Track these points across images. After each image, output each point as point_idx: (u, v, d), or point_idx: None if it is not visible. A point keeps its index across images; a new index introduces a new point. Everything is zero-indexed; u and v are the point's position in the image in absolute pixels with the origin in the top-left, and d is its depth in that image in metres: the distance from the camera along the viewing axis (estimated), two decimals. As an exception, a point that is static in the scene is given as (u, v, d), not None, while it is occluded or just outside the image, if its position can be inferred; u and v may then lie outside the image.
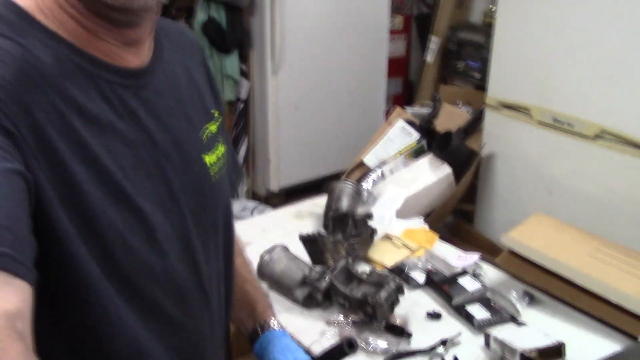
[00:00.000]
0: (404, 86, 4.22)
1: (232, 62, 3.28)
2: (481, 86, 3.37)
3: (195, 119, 0.81)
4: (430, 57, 3.80)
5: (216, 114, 0.87)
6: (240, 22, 3.21)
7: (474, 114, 2.72)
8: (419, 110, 2.90)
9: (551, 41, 2.29)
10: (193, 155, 0.79)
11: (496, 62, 2.53)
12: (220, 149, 0.85)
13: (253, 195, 3.62)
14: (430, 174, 2.37)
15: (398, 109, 2.82)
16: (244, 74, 3.40)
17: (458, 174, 2.42)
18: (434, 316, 1.43)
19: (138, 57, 0.73)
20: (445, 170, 2.38)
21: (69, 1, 0.66)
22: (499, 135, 2.55)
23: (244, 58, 3.37)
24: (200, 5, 3.14)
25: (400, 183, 2.28)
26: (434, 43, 3.75)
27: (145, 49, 0.75)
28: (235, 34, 3.20)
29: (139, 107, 0.72)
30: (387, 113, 3.67)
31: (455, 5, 3.72)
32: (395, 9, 3.89)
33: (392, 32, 3.86)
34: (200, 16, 3.14)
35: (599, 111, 2.16)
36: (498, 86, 2.54)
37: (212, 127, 0.85)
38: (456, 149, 2.45)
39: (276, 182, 3.53)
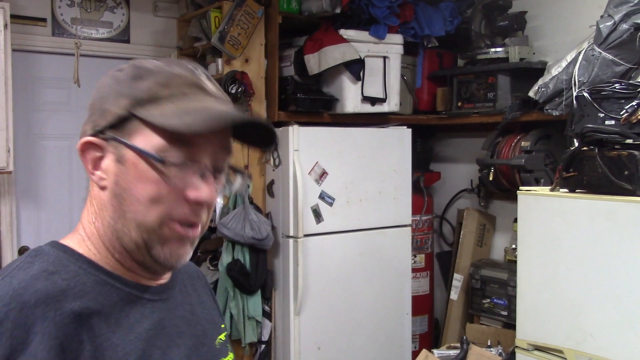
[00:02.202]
0: (429, 324, 4.11)
1: (255, 303, 3.28)
2: (509, 324, 3.27)
3: (209, 329, 0.95)
4: (454, 294, 3.77)
5: (222, 326, 1.01)
6: (264, 263, 3.28)
7: (505, 357, 2.59)
8: (447, 352, 2.78)
9: (578, 281, 2.27)
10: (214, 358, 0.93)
11: (522, 302, 2.49)
12: (231, 355, 0.97)
13: None
14: None
15: (424, 351, 2.71)
16: (267, 315, 3.37)
17: None
18: None
19: (157, 282, 0.88)
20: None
21: (114, 245, 0.82)
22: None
23: (267, 299, 3.38)
24: (225, 246, 3.24)
25: None
26: (458, 280, 3.75)
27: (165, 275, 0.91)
28: (259, 275, 3.25)
29: (164, 317, 0.86)
30: (414, 353, 3.53)
31: (475, 243, 3.80)
32: (416, 248, 3.97)
33: (415, 269, 3.89)
34: (225, 258, 3.23)
35: (637, 354, 2.05)
36: (527, 327, 2.46)
37: (222, 336, 0.98)
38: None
39: None
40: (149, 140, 0.78)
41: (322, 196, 3.32)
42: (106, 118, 0.80)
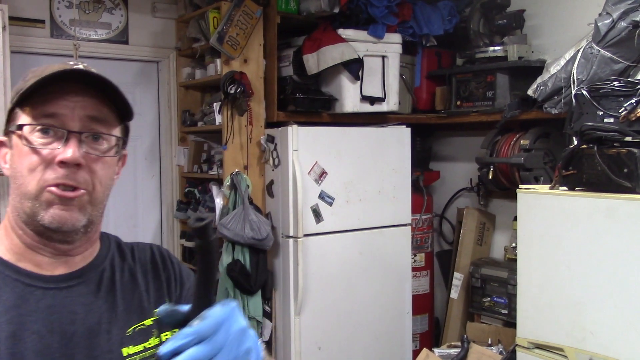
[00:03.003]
0: (430, 323, 4.12)
1: (255, 303, 3.28)
2: (510, 323, 3.28)
3: (123, 317, 0.98)
4: (454, 293, 3.77)
5: (155, 310, 0.99)
6: (264, 264, 3.28)
7: (505, 355, 2.59)
8: (447, 351, 2.78)
9: (578, 279, 2.27)
10: (107, 348, 0.95)
11: (523, 301, 2.49)
12: (153, 341, 0.99)
13: None
14: None
15: (425, 351, 2.71)
16: (267, 315, 3.37)
17: None
18: None
19: (67, 267, 0.97)
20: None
21: (18, 223, 0.93)
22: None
23: (267, 299, 3.38)
24: (225, 247, 3.24)
25: None
26: (458, 279, 3.75)
27: (75, 260, 0.98)
28: (259, 275, 3.24)
29: (56, 304, 0.93)
30: (415, 352, 3.53)
31: (475, 242, 3.80)
32: (416, 247, 3.96)
33: (415, 268, 3.89)
34: (226, 258, 3.23)
35: (638, 352, 2.05)
36: (528, 325, 2.46)
37: (147, 322, 1.00)
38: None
39: None
40: (20, 121, 0.92)
41: (322, 196, 3.32)
42: (6, 117, 0.95)
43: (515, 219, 2.68)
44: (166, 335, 1.01)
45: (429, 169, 4.23)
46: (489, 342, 2.99)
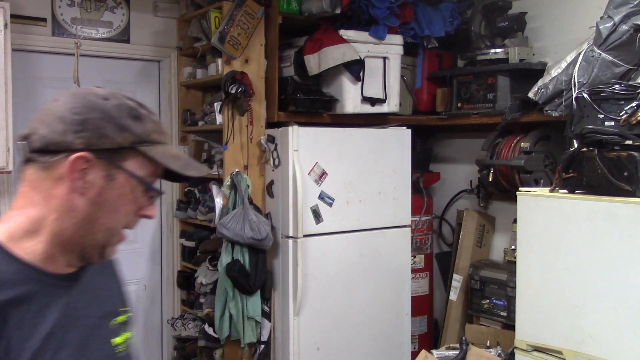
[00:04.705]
0: (428, 325, 4.12)
1: (254, 303, 3.28)
2: (508, 325, 3.28)
3: (108, 311, 1.11)
4: (454, 295, 3.77)
5: (122, 309, 1.16)
6: (263, 264, 3.28)
7: (504, 357, 2.59)
8: (446, 352, 2.78)
9: (577, 282, 2.27)
10: (105, 339, 1.08)
11: (522, 303, 2.49)
12: (126, 334, 1.13)
13: None
14: None
15: (424, 352, 2.71)
16: (266, 315, 3.37)
17: None
18: None
19: (73, 267, 1.04)
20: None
21: (71, 244, 1.00)
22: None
23: (266, 299, 3.38)
24: (224, 247, 3.24)
25: None
26: (457, 281, 3.75)
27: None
28: (258, 276, 3.24)
29: (72, 300, 1.02)
30: (413, 354, 3.53)
31: (475, 244, 3.80)
32: (416, 248, 3.96)
33: (414, 270, 3.89)
34: (225, 258, 3.23)
35: (636, 355, 2.05)
36: (527, 328, 2.46)
37: (121, 318, 1.13)
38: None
39: None
40: (138, 169, 1.01)
41: (322, 196, 3.32)
42: (103, 142, 0.97)
43: (515, 221, 2.68)
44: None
45: (429, 171, 4.23)
46: (488, 344, 2.99)
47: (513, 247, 3.24)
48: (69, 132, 0.96)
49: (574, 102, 2.52)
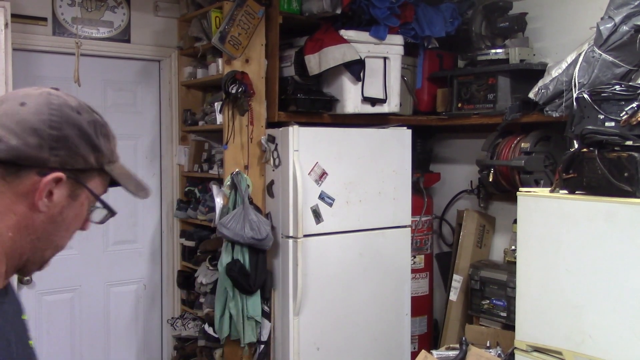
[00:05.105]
0: (428, 325, 4.12)
1: (254, 303, 3.28)
2: (508, 325, 3.28)
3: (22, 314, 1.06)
4: (454, 295, 3.77)
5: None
6: (263, 264, 3.28)
7: (504, 358, 2.59)
8: (446, 353, 2.78)
9: (577, 282, 2.27)
10: (27, 340, 1.01)
11: (522, 304, 2.49)
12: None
13: None
14: None
15: (424, 352, 2.71)
16: (266, 315, 3.37)
17: None
18: None
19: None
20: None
21: (17, 258, 0.93)
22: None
23: (266, 299, 3.38)
24: (224, 247, 3.24)
25: None
26: (457, 281, 3.75)
27: None
28: (258, 275, 3.24)
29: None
30: (413, 354, 3.53)
31: (475, 244, 3.80)
32: (416, 249, 3.96)
33: (414, 270, 3.89)
34: (225, 258, 3.23)
35: (636, 356, 2.05)
36: (527, 328, 2.46)
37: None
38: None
39: None
40: (97, 187, 0.98)
41: (322, 196, 3.32)
42: (78, 162, 0.93)
43: (515, 221, 2.68)
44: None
45: (430, 171, 4.23)
46: (488, 345, 2.98)
47: (513, 247, 3.24)
48: (44, 148, 0.89)
49: (575, 103, 2.52)
